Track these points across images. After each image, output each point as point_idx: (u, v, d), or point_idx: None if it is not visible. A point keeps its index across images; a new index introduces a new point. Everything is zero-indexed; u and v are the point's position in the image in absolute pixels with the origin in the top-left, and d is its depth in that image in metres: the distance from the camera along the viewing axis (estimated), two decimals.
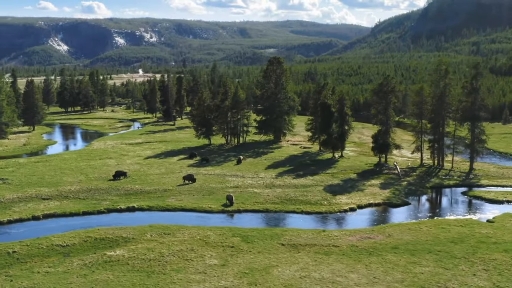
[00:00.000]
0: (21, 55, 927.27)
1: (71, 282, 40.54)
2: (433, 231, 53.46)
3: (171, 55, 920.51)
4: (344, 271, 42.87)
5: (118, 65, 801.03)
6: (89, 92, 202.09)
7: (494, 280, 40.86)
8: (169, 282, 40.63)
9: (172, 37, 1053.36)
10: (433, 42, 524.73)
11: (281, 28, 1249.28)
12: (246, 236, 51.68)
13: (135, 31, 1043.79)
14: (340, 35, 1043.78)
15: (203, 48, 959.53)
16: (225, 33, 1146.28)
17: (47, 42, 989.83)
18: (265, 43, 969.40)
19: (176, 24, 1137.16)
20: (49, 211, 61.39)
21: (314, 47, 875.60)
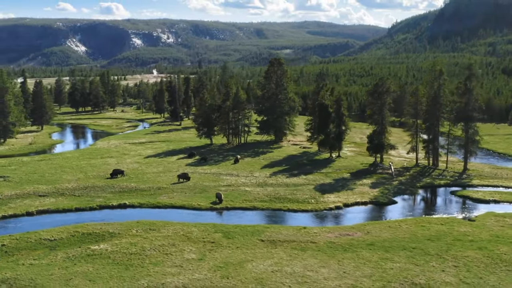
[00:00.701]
0: (39, 55, 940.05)
1: (52, 274, 42.40)
2: (412, 229, 54.55)
3: (187, 56, 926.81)
4: (316, 266, 44.21)
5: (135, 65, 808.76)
6: (99, 92, 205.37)
7: (461, 276, 41.91)
8: (145, 274, 42.33)
9: (189, 38, 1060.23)
10: (449, 43, 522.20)
11: (298, 29, 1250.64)
12: (228, 232, 53.23)
13: (152, 32, 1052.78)
14: (357, 35, 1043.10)
15: (219, 49, 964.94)
16: (242, 34, 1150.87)
17: (65, 43, 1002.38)
18: (282, 43, 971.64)
19: (193, 25, 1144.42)
20: (43, 207, 63.47)
21: (331, 48, 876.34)
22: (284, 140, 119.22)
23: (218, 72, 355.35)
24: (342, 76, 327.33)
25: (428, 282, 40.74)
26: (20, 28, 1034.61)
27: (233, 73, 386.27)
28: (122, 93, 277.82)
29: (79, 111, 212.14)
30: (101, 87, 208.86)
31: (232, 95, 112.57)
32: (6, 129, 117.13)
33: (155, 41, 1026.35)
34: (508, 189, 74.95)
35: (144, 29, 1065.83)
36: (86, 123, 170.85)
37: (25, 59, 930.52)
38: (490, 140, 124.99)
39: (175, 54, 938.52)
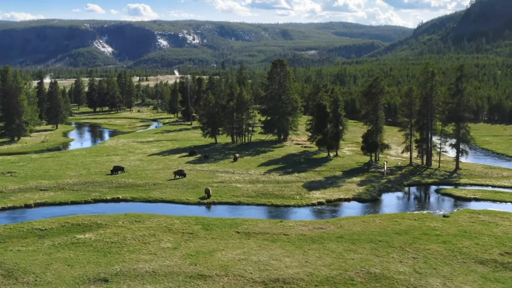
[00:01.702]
0: (67, 56, 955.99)
1: (36, 259, 46.06)
2: (384, 224, 56.99)
3: (212, 57, 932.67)
4: (281, 255, 47.05)
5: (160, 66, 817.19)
6: (115, 93, 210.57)
7: (416, 267, 44.33)
8: (120, 260, 45.71)
9: (215, 39, 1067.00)
10: (474, 44, 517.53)
11: (324, 30, 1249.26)
12: (207, 225, 56.40)
13: (178, 33, 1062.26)
14: (383, 36, 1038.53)
15: (244, 49, 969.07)
16: (267, 35, 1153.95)
17: (92, 44, 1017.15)
18: (307, 44, 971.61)
19: (219, 26, 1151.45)
20: (41, 200, 67.56)
21: (356, 49, 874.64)
22: (288, 140, 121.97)
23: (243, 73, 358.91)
24: (360, 77, 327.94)
25: (382, 272, 43.27)
26: (48, 29, 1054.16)
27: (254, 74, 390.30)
28: (141, 93, 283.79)
29: (96, 111, 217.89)
30: (117, 88, 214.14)
31: (236, 96, 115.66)
32: (19, 127, 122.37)
33: (181, 42, 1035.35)
34: (494, 187, 76.60)
35: (170, 30, 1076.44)
36: (100, 123, 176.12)
37: (52, 60, 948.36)
38: (493, 141, 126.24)
39: (200, 55, 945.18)
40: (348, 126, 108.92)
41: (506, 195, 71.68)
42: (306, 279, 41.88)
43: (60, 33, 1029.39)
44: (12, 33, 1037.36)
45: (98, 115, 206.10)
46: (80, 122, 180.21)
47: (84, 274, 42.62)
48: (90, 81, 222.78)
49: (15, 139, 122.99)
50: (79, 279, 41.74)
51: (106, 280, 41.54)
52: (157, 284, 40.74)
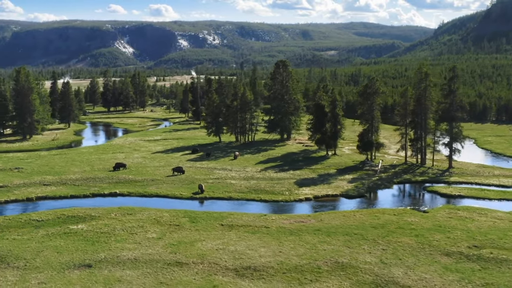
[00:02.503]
0: (88, 57, 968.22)
1: (28, 246, 49.57)
2: (364, 218, 59.52)
3: (232, 57, 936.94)
4: (258, 246, 49.92)
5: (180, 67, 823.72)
6: (129, 93, 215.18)
7: (383, 258, 46.84)
8: (106, 249, 49.01)
9: (235, 39, 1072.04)
10: (494, 44, 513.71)
11: (344, 30, 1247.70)
12: (194, 217, 59.50)
13: (198, 34, 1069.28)
14: (404, 37, 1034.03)
15: (264, 50, 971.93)
16: (287, 35, 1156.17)
17: (113, 44, 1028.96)
18: (327, 45, 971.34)
19: (239, 27, 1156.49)
20: (42, 194, 71.32)
21: (376, 49, 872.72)
22: (291, 139, 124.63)
23: (260, 73, 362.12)
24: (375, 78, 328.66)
25: (350, 261, 45.91)
26: (70, 30, 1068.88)
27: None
28: (156, 93, 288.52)
29: (110, 110, 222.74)
30: (131, 88, 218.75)
31: (239, 96, 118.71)
32: (31, 126, 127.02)
33: (201, 43, 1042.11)
34: (481, 185, 78.54)
35: (191, 30, 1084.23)
36: (112, 122, 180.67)
37: (74, 60, 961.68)
38: (494, 141, 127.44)
39: (220, 56, 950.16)
40: (351, 125, 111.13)
41: (491, 193, 73.62)
42: (276, 267, 44.68)
43: (82, 34, 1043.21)
44: (35, 33, 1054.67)
45: (111, 114, 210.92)
46: (93, 121, 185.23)
47: (70, 260, 45.95)
48: (105, 82, 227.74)
49: (27, 137, 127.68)
50: (65, 264, 45.07)
51: (90, 266, 44.81)
52: (136, 270, 43.89)
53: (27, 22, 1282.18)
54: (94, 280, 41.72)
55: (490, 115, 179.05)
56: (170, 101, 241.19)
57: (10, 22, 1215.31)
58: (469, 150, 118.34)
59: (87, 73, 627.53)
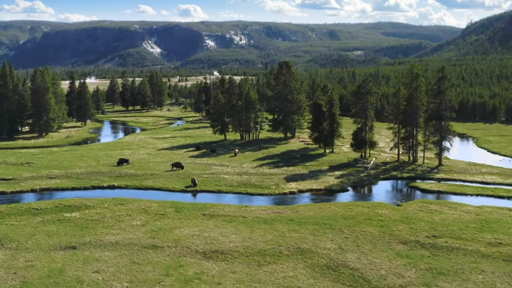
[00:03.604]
0: (116, 57, 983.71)
1: (23, 231, 54.93)
2: (337, 210, 63.50)
3: (258, 58, 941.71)
4: (230, 233, 54.40)
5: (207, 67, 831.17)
6: (146, 92, 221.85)
7: (343, 245, 50.87)
8: (92, 233, 54.08)
9: (261, 40, 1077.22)
10: None
11: (372, 30, 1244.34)
12: (180, 208, 64.26)
13: (225, 34, 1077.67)
14: (432, 36, 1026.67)
15: (290, 50, 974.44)
16: (314, 35, 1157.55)
17: (141, 44, 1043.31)
18: (353, 45, 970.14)
19: (266, 27, 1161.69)
20: (46, 186, 76.98)
21: (403, 49, 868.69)
22: (295, 137, 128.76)
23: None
24: (393, 78, 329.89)
25: (310, 247, 50.09)
26: (99, 30, 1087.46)
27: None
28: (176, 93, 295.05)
29: (128, 109, 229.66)
30: (148, 88, 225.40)
31: (244, 95, 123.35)
32: (47, 124, 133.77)
33: (228, 43, 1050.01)
34: (464, 182, 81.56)
35: (217, 31, 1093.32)
36: (127, 120, 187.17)
37: (103, 60, 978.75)
38: (494, 140, 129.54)
39: (246, 56, 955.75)
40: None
41: (470, 189, 76.86)
42: (241, 251, 49.14)
43: (110, 34, 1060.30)
44: (64, 34, 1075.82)
45: (128, 113, 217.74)
46: (109, 120, 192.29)
47: (58, 243, 51.11)
48: (123, 82, 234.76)
49: (43, 135, 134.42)
50: (53, 246, 50.21)
51: (74, 248, 49.90)
52: (114, 252, 48.80)
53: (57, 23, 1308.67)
54: (75, 259, 46.72)
55: (499, 116, 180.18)
56: (187, 101, 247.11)
57: (41, 23, 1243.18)
58: (467, 149, 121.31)
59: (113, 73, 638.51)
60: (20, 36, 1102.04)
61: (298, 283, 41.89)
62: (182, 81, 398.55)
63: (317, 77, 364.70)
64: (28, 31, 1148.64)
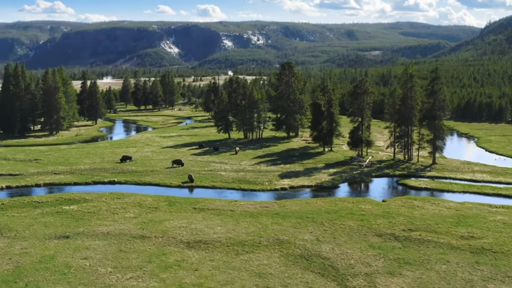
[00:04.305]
0: (135, 57, 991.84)
1: (23, 221, 58.63)
2: (322, 205, 66.24)
3: (275, 58, 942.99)
4: (216, 225, 57.53)
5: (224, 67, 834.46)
6: (158, 92, 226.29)
7: (320, 237, 53.71)
8: (86, 224, 57.59)
9: (279, 40, 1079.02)
10: None
11: (390, 30, 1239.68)
12: (173, 202, 67.56)
13: (242, 34, 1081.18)
14: (451, 36, 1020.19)
15: (308, 50, 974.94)
16: (332, 35, 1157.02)
17: (159, 45, 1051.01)
18: (371, 45, 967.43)
19: (283, 27, 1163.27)
20: (50, 181, 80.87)
21: (421, 49, 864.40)
22: (298, 136, 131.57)
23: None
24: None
25: (289, 239, 53.02)
26: (118, 30, 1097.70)
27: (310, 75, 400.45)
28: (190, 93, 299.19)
29: (140, 109, 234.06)
30: (160, 88, 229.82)
31: (247, 95, 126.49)
32: (57, 122, 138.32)
33: (245, 43, 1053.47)
34: (454, 180, 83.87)
35: (235, 31, 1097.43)
36: (137, 119, 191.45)
37: (121, 60, 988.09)
38: (495, 140, 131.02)
39: (264, 56, 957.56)
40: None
41: (458, 186, 79.15)
42: (223, 241, 52.25)
43: (129, 34, 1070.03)
44: (84, 34, 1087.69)
45: (140, 112, 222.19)
46: (120, 119, 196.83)
47: (53, 232, 54.71)
48: (136, 81, 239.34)
49: (53, 133, 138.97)
50: (48, 235, 53.81)
51: (68, 237, 53.44)
52: (104, 241, 52.23)
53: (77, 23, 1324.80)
54: (67, 247, 50.22)
55: (505, 116, 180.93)
56: (198, 100, 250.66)
57: (60, 23, 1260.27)
58: (466, 148, 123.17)
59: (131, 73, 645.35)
60: (40, 36, 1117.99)
61: (270, 270, 44.84)
62: (197, 81, 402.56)
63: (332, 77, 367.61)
64: (48, 31, 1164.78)
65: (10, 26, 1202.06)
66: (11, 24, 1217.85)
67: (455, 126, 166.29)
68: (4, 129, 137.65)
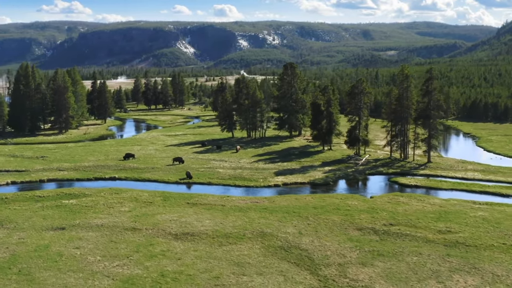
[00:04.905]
0: (151, 57, 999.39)
1: (23, 214, 61.91)
2: (311, 201, 68.79)
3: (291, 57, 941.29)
4: (205, 219, 60.33)
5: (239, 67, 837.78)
6: (167, 92, 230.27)
7: (303, 230, 56.23)
8: (83, 217, 60.70)
9: (294, 39, 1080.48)
10: None
11: (407, 30, 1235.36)
12: (168, 197, 70.51)
13: (258, 34, 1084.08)
14: (468, 36, 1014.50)
15: (323, 50, 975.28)
16: (348, 35, 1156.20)
17: (175, 44, 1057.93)
18: (387, 45, 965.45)
19: (299, 27, 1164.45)
20: (53, 177, 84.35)
21: (437, 49, 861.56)
22: (301, 135, 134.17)
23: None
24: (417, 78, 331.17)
25: (272, 232, 55.66)
26: (134, 31, 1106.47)
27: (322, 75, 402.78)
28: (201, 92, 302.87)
29: (151, 108, 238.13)
30: (169, 87, 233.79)
31: (250, 95, 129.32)
32: (66, 121, 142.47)
33: (261, 43, 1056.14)
34: (445, 178, 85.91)
35: (251, 31, 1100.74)
36: (146, 119, 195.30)
37: (137, 60, 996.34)
38: (495, 140, 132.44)
39: (279, 56, 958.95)
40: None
41: (447, 184, 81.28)
42: (210, 233, 55.04)
43: (145, 34, 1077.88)
44: (100, 34, 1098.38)
45: (150, 112, 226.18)
46: (130, 118, 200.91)
47: (50, 224, 57.91)
48: (146, 81, 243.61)
49: (62, 131, 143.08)
50: (45, 227, 57.01)
51: (63, 228, 56.61)
52: (97, 232, 55.29)
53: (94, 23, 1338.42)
54: (61, 238, 53.38)
55: (511, 116, 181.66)
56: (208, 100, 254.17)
57: (77, 23, 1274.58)
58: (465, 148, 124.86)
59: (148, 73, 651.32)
60: (57, 36, 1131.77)
61: (248, 260, 47.55)
62: (209, 81, 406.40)
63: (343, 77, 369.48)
64: (65, 31, 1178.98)
65: (28, 26, 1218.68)
66: (29, 24, 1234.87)
67: (459, 126, 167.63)
68: (15, 128, 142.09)
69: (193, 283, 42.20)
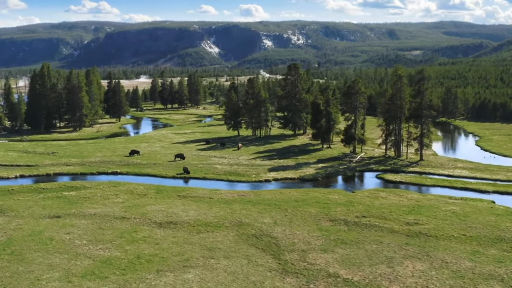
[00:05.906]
0: (175, 57, 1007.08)
1: (25, 204, 67.29)
2: (294, 195, 72.82)
3: (315, 57, 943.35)
4: (191, 209, 64.99)
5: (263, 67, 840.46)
6: (183, 91, 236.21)
7: (278, 220, 60.37)
8: (78, 207, 65.91)
9: (319, 39, 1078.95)
10: None
11: (433, 29, 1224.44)
12: (161, 190, 75.38)
13: (282, 34, 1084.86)
14: (496, 36, 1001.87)
15: (347, 50, 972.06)
16: (373, 35, 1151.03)
17: (200, 44, 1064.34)
18: (412, 44, 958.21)
19: (324, 26, 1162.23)
20: (60, 171, 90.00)
21: (463, 49, 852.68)
22: (306, 134, 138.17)
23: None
24: (434, 78, 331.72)
25: (249, 222, 60.02)
26: (159, 31, 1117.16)
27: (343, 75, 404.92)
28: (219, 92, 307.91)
29: (167, 107, 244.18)
30: (185, 87, 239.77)
31: (255, 94, 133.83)
32: (80, 119, 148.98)
33: (285, 43, 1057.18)
34: (433, 175, 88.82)
35: (275, 31, 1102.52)
36: (160, 117, 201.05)
37: (162, 60, 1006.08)
38: (495, 139, 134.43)
39: (303, 55, 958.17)
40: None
41: (431, 180, 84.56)
42: (191, 222, 59.68)
43: (171, 34, 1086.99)
44: (126, 34, 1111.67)
45: (165, 111, 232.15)
46: (145, 117, 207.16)
47: (48, 213, 63.23)
48: (162, 81, 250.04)
49: (76, 129, 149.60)
50: (43, 215, 62.34)
51: (59, 217, 61.85)
52: (89, 220, 60.40)
53: (120, 23, 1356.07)
54: (55, 224, 58.60)
55: None
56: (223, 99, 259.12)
57: (104, 23, 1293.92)
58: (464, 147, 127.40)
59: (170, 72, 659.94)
60: (84, 36, 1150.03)
61: (220, 246, 52.00)
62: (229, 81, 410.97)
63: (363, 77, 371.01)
64: (92, 31, 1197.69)
65: (55, 26, 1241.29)
66: (57, 25, 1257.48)
67: (465, 126, 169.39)
68: (32, 125, 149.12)
69: (164, 264, 46.81)
